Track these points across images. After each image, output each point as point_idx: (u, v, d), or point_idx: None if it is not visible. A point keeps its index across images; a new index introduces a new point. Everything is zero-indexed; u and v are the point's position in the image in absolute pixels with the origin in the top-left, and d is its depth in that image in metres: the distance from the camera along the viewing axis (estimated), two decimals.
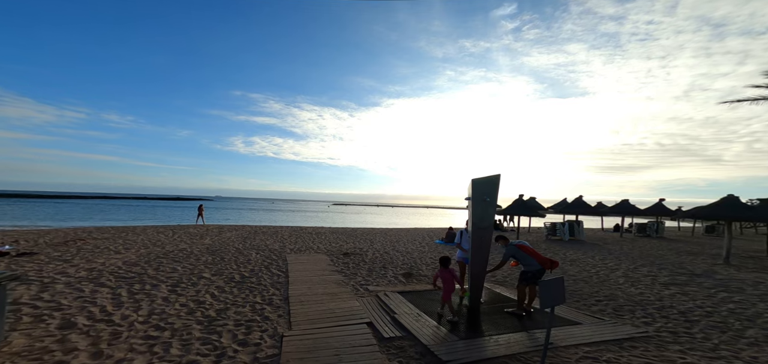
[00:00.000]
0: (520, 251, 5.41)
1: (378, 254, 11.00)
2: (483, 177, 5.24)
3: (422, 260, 10.48)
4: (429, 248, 12.84)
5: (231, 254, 9.88)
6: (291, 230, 18.68)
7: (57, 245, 10.14)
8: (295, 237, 14.96)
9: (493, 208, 5.22)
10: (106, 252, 9.35)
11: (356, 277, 7.80)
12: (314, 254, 10.61)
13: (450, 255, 6.76)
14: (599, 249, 13.87)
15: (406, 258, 10.55)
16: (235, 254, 10.03)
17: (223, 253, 10.04)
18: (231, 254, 9.88)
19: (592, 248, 14.32)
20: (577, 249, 13.65)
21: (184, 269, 7.71)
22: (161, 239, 12.37)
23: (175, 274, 7.17)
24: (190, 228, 16.95)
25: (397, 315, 5.19)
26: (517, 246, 5.47)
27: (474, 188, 5.17)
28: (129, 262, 8.13)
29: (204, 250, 10.42)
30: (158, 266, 7.91)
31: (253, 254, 10.06)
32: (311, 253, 10.89)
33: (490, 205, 5.20)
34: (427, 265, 9.68)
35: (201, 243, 11.92)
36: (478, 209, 5.15)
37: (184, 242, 12.06)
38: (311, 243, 13.23)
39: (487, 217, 5.23)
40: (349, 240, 14.71)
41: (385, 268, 8.93)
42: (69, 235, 12.76)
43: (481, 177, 5.24)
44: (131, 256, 8.94)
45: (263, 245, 12.14)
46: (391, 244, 13.79)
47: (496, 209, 5.28)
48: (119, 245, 10.56)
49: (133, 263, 7.99)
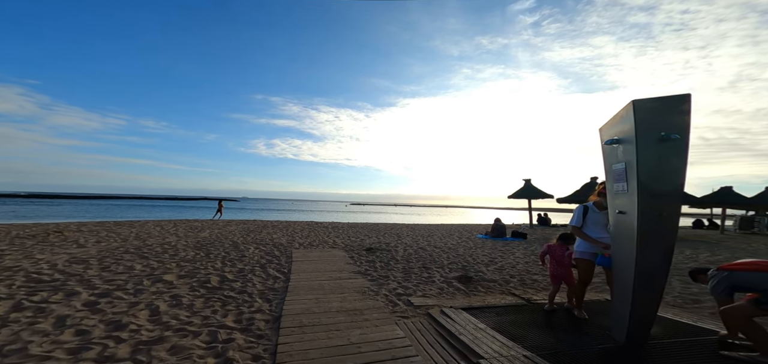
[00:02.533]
0: (751, 271, 2.65)
1: (412, 250, 8.44)
2: (655, 97, 2.57)
3: (474, 257, 7.80)
4: (475, 245, 10.12)
5: (223, 249, 7.64)
6: (304, 224, 16.47)
7: (25, 238, 8.29)
8: (307, 231, 12.66)
9: (683, 155, 2.54)
10: (69, 245, 7.35)
11: (388, 282, 5.26)
12: (328, 250, 8.19)
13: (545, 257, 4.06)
14: None
15: (452, 255, 7.91)
16: (229, 248, 7.78)
17: (213, 247, 7.83)
18: (223, 249, 7.64)
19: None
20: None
21: (145, 268, 5.47)
22: (152, 232, 10.42)
23: (123, 276, 4.91)
24: (195, 223, 15.08)
25: (480, 354, 2.60)
26: (741, 268, 2.71)
27: (639, 115, 2.51)
28: (79, 258, 6.00)
29: (193, 244, 8.27)
30: (113, 263, 5.72)
31: (251, 249, 7.78)
32: (325, 248, 8.49)
33: (674, 148, 2.54)
34: (484, 264, 7.00)
35: (196, 236, 9.83)
36: (647, 158, 2.52)
37: (177, 235, 10.02)
38: (325, 237, 10.85)
39: (669, 172, 2.58)
40: (371, 234, 12.24)
41: (427, 269, 6.34)
42: (51, 228, 11.08)
43: (649, 98, 2.58)
44: (91, 250, 6.85)
45: (268, 239, 9.88)
46: (424, 239, 11.18)
47: (683, 159, 2.54)
48: (92, 238, 8.60)
49: (82, 260, 5.86)
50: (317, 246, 8.83)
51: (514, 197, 16.85)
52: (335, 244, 9.39)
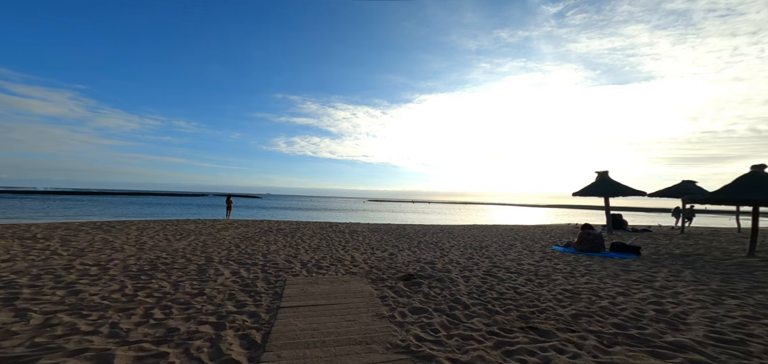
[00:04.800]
0: None
1: (476, 277, 5.31)
2: None
3: (594, 297, 4.53)
4: (563, 264, 6.81)
5: (178, 275, 4.89)
6: (316, 227, 13.68)
7: None
8: (318, 239, 9.81)
9: None
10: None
11: None
12: (343, 278, 5.24)
13: None
14: None
15: (551, 291, 4.68)
16: (191, 274, 5.04)
17: (168, 271, 5.10)
18: (178, 275, 4.89)
19: None
20: None
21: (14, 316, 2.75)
22: (116, 239, 7.94)
23: None
24: (189, 224, 12.68)
25: None
26: None
27: None
28: None
29: (146, 262, 5.63)
30: None
31: (224, 276, 4.97)
32: (338, 272, 5.56)
33: None
34: (637, 318, 3.75)
35: (165, 248, 7.25)
36: None
37: (139, 246, 7.45)
38: (341, 250, 7.93)
39: None
40: (400, 243, 9.21)
41: (543, 332, 3.21)
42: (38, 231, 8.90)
43: None
44: None
45: (261, 253, 7.11)
46: (478, 252, 8.01)
47: None
48: (35, 249, 6.13)
49: None
50: (327, 268, 5.92)
51: (583, 195, 13.22)
52: (354, 262, 6.45)
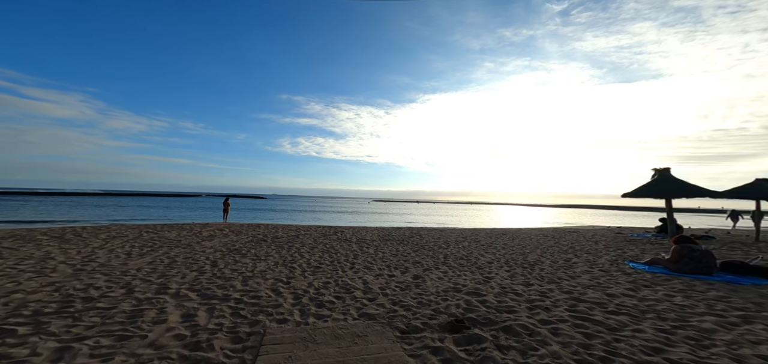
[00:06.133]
0: None
1: (571, 327, 3.41)
2: None
3: None
4: (675, 292, 4.88)
5: (73, 332, 3.07)
6: (319, 233, 11.83)
7: None
8: (319, 252, 7.95)
9: None
10: None
11: None
12: (355, 328, 3.35)
13: None
14: None
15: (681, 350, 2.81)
16: (106, 328, 3.21)
17: (63, 322, 3.29)
18: (73, 332, 3.07)
19: None
20: None
21: None
22: (64, 254, 6.17)
23: None
24: (172, 231, 10.92)
25: None
26: None
27: None
28: None
29: (49, 301, 3.84)
30: None
31: (148, 340, 3.14)
32: (347, 312, 3.69)
33: None
34: None
35: (123, 267, 5.46)
36: None
37: (80, 261, 5.66)
38: (349, 269, 6.05)
39: None
40: (423, 258, 7.31)
41: None
42: None
43: None
44: None
45: (243, 275, 5.26)
46: (528, 271, 6.08)
47: None
48: None
49: None
50: (331, 305, 4.05)
51: (637, 196, 11.17)
52: (368, 291, 4.59)
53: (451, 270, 6.10)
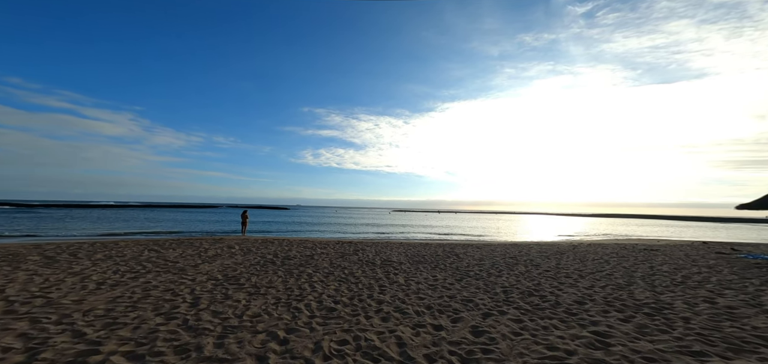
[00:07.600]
0: None
1: None
2: None
3: None
4: None
5: None
6: (337, 252, 10.14)
7: None
8: (336, 282, 6.24)
9: None
10: None
11: None
12: None
13: None
14: None
15: None
16: None
17: None
18: None
19: None
20: None
21: None
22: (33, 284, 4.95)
23: None
24: (175, 249, 9.72)
25: None
26: None
27: None
28: None
29: None
30: None
31: None
32: None
33: None
34: None
35: (83, 301, 4.06)
36: None
37: (21, 296, 4.33)
38: (374, 315, 4.24)
39: None
40: (473, 293, 5.37)
41: None
42: None
43: None
44: None
45: (222, 326, 3.66)
46: (663, 329, 4.05)
47: None
48: None
49: None
50: None
51: (757, 208, 8.58)
52: None
53: (525, 317, 4.14)
